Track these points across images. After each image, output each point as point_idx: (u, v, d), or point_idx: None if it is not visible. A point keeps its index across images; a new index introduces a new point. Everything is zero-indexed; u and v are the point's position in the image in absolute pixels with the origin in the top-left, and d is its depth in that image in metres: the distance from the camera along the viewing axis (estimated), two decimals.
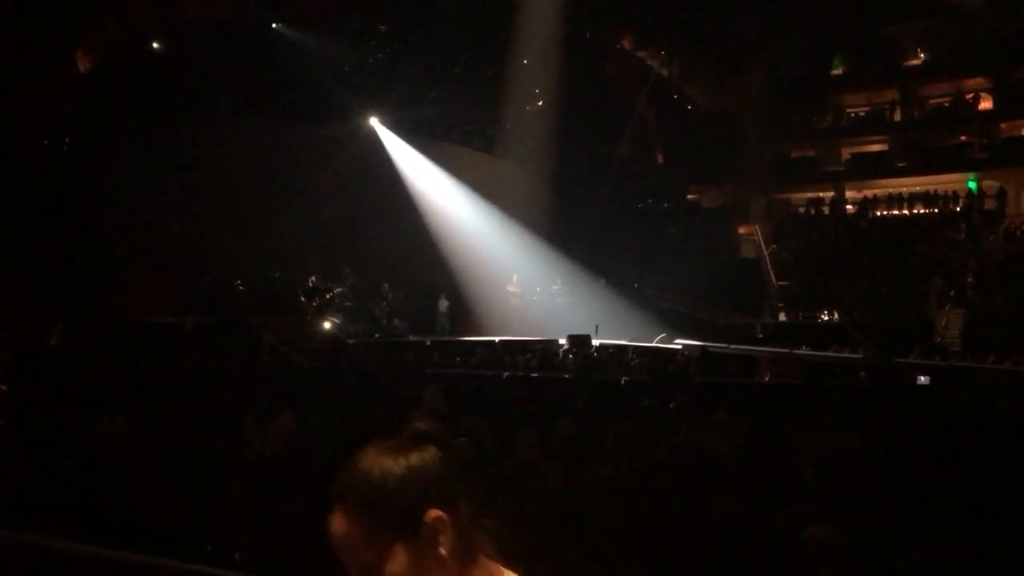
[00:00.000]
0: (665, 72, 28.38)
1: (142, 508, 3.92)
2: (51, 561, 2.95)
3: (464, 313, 20.16)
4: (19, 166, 14.72)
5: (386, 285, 17.98)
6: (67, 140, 16.67)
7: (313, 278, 16.85)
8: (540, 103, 23.62)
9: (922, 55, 27.43)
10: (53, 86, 15.75)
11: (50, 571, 2.99)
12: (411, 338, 17.01)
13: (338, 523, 1.26)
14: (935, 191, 25.66)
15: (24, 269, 13.97)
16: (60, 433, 5.10)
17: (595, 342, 16.18)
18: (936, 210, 25.39)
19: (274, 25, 18.59)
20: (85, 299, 14.26)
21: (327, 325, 15.78)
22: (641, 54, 28.26)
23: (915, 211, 25.96)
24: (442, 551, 1.23)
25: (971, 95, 26.58)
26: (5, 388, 6.87)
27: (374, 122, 20.26)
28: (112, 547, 2.93)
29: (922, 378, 11.10)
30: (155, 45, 17.49)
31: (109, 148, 16.77)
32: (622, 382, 10.98)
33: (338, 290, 17.09)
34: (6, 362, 8.76)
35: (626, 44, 27.89)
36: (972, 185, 25.43)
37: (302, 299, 16.42)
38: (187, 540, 3.78)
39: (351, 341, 15.14)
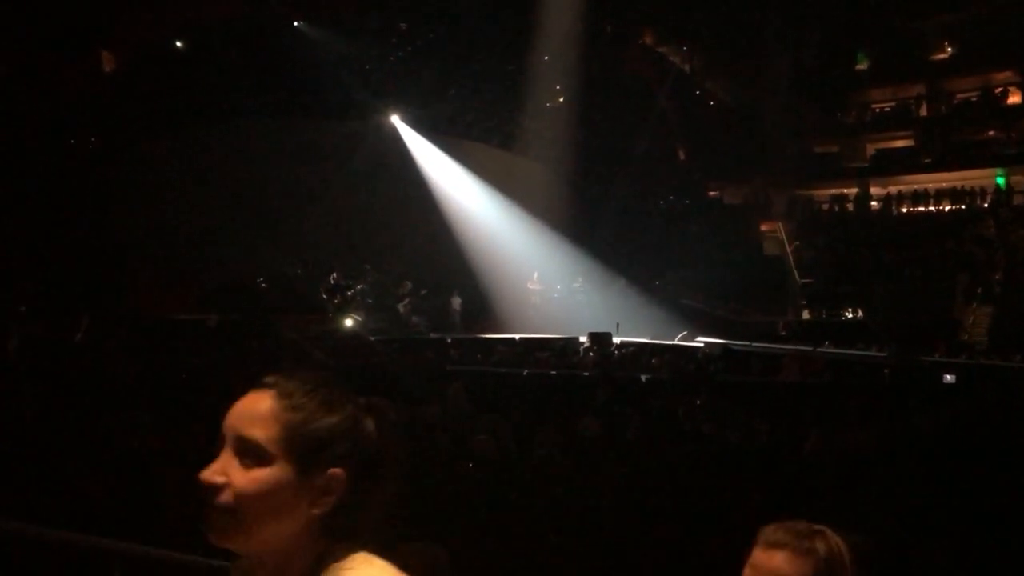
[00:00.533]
0: (687, 68, 28.23)
1: (167, 504, 3.97)
2: (73, 556, 2.99)
3: (484, 310, 20.18)
4: (45, 165, 14.94)
5: (408, 283, 18.05)
6: (92, 139, 16.89)
7: (334, 275, 16.94)
8: (560, 99, 23.58)
9: (949, 49, 27.04)
10: (78, 85, 15.97)
11: (73, 566, 3.04)
12: (432, 335, 17.06)
13: (259, 397, 1.19)
14: (962, 187, 25.32)
15: (50, 266, 14.18)
16: (85, 429, 5.18)
17: (616, 340, 16.15)
18: (963, 206, 25.06)
19: (295, 24, 18.72)
20: (110, 297, 14.45)
21: (348, 322, 15.87)
22: (662, 49, 28.12)
23: (941, 208, 25.64)
24: (315, 510, 1.15)
25: (999, 89, 26.20)
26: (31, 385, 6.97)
27: (395, 119, 20.32)
28: (137, 543, 2.97)
29: (948, 377, 10.98)
30: (178, 44, 17.67)
31: (133, 147, 16.97)
32: (643, 380, 10.96)
33: (359, 287, 17.19)
34: (32, 357, 8.90)
35: (647, 39, 27.77)
36: (1000, 181, 25.05)
37: (324, 296, 16.52)
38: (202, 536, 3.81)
39: (372, 338, 15.22)
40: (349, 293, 16.88)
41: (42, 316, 12.03)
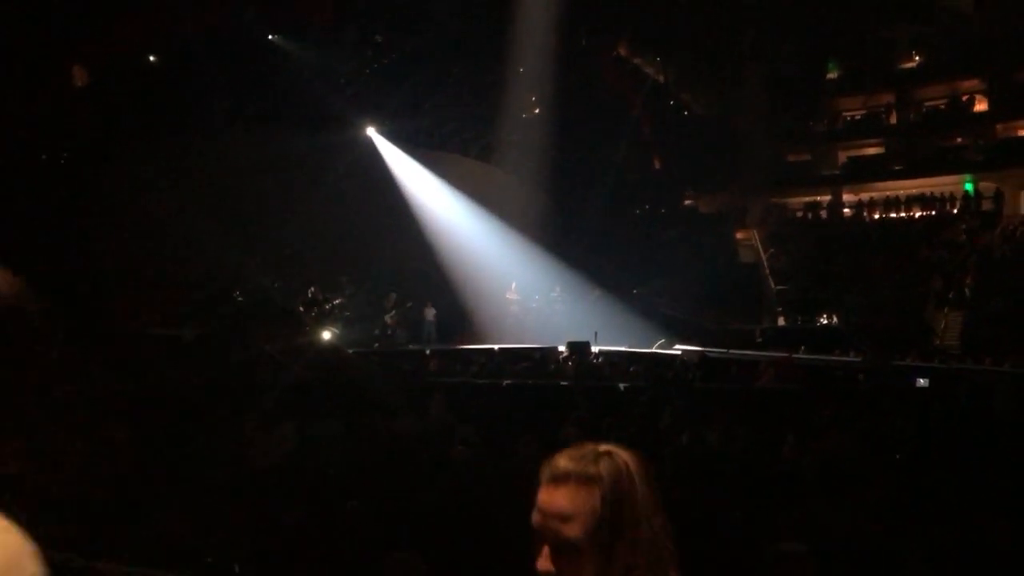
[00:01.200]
0: (661, 78, 28.46)
1: (141, 520, 3.92)
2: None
3: (463, 322, 20.14)
4: (18, 177, 14.73)
5: (392, 295, 17.99)
6: (64, 152, 16.69)
7: (312, 289, 16.85)
8: (537, 111, 23.67)
9: (917, 58, 27.52)
10: (51, 98, 15.78)
11: None
12: (411, 347, 17.00)
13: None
14: (932, 193, 25.73)
15: (23, 279, 13.94)
16: (60, 446, 5.09)
17: (594, 348, 16.19)
18: (933, 212, 25.45)
19: (270, 36, 18.63)
20: (84, 310, 14.25)
21: (326, 336, 15.78)
22: (637, 61, 28.35)
23: (912, 214, 26.02)
24: None
25: (966, 97, 26.66)
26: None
27: (371, 132, 20.28)
28: (111, 560, 2.93)
29: (921, 380, 11.10)
30: (151, 57, 17.54)
31: (106, 160, 16.79)
32: (622, 388, 10.98)
33: (336, 301, 17.10)
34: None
35: (622, 50, 27.98)
36: (969, 187, 25.49)
37: (301, 310, 16.42)
38: (187, 552, 3.78)
39: (350, 351, 15.14)
40: (327, 307, 16.79)
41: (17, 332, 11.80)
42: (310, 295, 16.71)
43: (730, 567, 3.36)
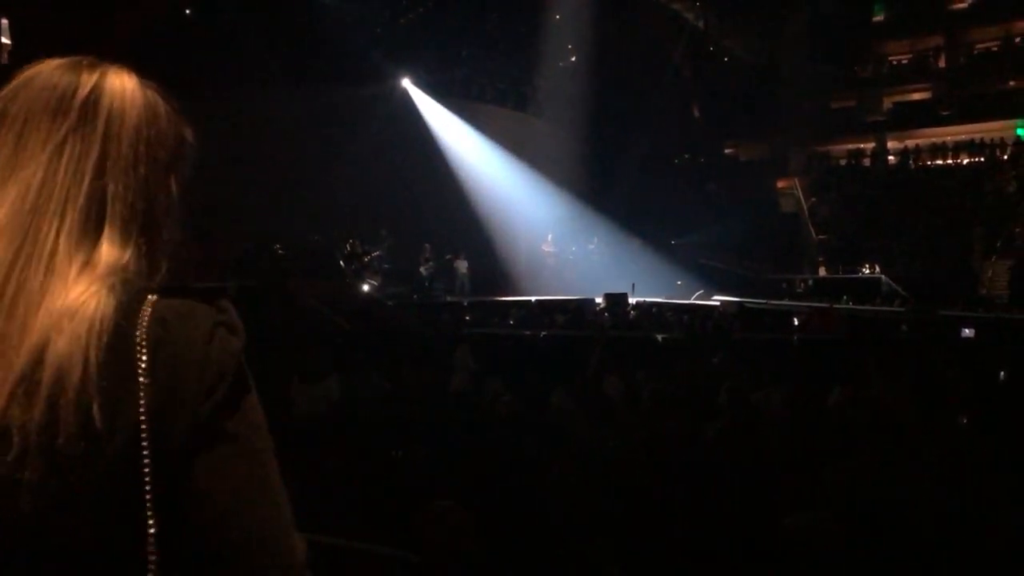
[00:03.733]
0: (701, 24, 27.73)
1: None
2: None
3: (499, 273, 20.13)
4: None
5: (428, 245, 17.98)
6: None
7: (351, 241, 16.91)
8: (573, 59, 23.25)
9: None
10: (90, 51, 15.84)
11: None
12: (448, 299, 17.05)
13: None
14: (981, 139, 24.88)
15: None
16: None
17: (632, 300, 16.09)
18: (982, 159, 24.64)
19: None
20: None
21: (365, 287, 15.88)
22: (676, 6, 27.62)
23: (960, 161, 25.23)
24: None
25: (1019, 39, 25.57)
26: None
27: (407, 83, 20.10)
28: None
29: (966, 331, 10.84)
30: (187, 12, 17.50)
31: None
32: (659, 340, 10.91)
33: (376, 253, 17.16)
34: None
35: None
36: (1020, 132, 24.57)
37: (341, 262, 16.51)
38: None
39: (389, 303, 15.23)
40: (366, 259, 16.86)
41: None
42: (349, 247, 16.77)
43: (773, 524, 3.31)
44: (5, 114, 0.90)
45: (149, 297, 0.88)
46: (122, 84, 0.98)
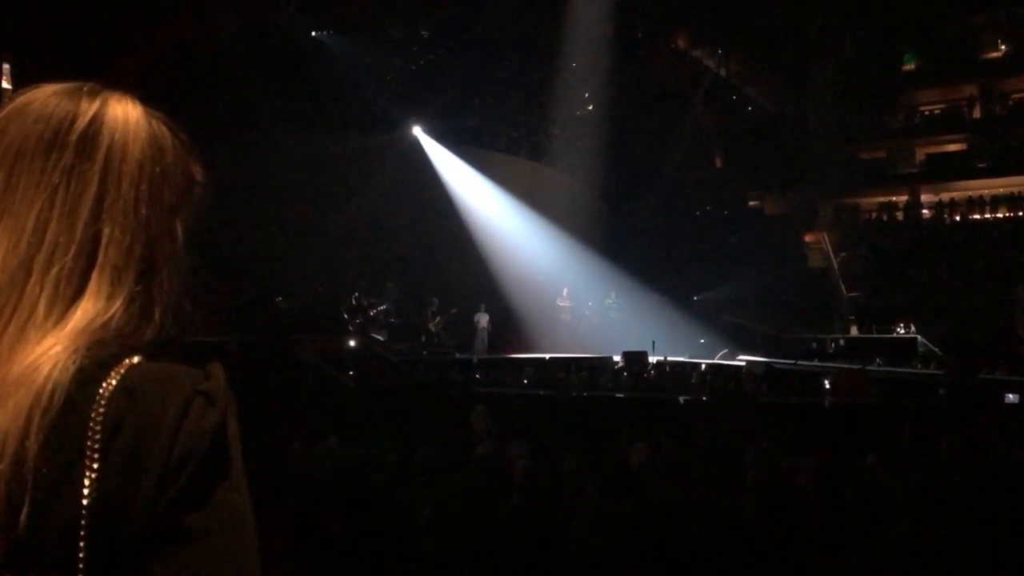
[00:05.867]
0: (722, 72, 28.12)
1: None
2: None
3: (512, 329, 20.11)
4: None
5: (435, 299, 18.02)
6: None
7: (356, 294, 16.99)
8: (590, 107, 23.58)
9: (1002, 47, 26.70)
10: None
11: None
12: (457, 356, 17.02)
13: None
14: (1020, 192, 24.91)
15: None
16: None
17: (652, 359, 16.02)
18: (1021, 213, 24.64)
19: (313, 33, 18.91)
20: None
21: (371, 343, 15.89)
22: (696, 53, 28.08)
23: (998, 215, 25.23)
24: None
25: None
26: None
27: (417, 131, 20.40)
28: None
29: (1010, 396, 10.72)
30: (193, 56, 17.95)
31: None
32: (681, 402, 10.83)
33: (382, 307, 17.21)
34: None
35: (680, 43, 27.75)
36: None
37: (345, 316, 16.57)
38: None
39: (396, 360, 15.23)
40: (372, 312, 16.92)
41: None
42: (354, 300, 16.85)
43: None
44: None
45: (125, 360, 0.81)
46: (125, 114, 0.93)
